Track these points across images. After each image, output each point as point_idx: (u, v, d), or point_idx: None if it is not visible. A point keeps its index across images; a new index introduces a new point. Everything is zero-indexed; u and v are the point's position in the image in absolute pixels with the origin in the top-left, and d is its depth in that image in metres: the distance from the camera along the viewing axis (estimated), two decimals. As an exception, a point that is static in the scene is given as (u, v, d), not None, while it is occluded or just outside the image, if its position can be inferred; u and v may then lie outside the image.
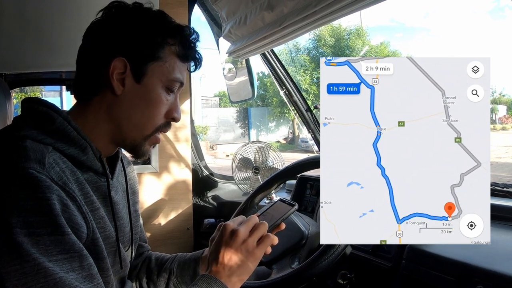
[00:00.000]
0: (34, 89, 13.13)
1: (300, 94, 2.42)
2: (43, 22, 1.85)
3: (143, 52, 0.84)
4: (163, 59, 0.86)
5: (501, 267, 0.94)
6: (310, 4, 1.51)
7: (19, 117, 0.82)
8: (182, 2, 2.35)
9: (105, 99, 0.85)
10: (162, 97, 0.87)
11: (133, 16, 0.85)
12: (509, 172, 12.58)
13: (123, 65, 0.83)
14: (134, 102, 0.85)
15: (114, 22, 0.85)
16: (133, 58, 0.84)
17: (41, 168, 0.69)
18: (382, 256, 1.24)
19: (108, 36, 0.84)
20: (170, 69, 0.87)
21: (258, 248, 0.87)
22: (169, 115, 0.90)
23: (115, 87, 0.83)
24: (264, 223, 0.89)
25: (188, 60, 0.91)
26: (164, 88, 0.87)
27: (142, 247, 1.16)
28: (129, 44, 0.84)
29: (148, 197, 2.45)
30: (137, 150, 0.90)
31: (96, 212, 0.80)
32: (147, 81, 0.85)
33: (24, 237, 0.64)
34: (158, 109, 0.87)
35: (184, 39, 0.89)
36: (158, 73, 0.86)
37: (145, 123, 0.87)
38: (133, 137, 0.88)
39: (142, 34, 0.84)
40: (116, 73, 0.83)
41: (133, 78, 0.84)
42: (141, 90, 0.85)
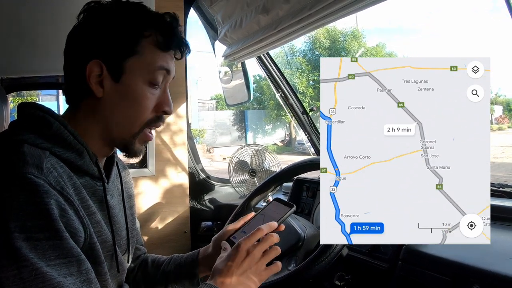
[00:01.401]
0: (30, 93, 13.08)
1: (296, 97, 2.42)
2: (39, 26, 1.85)
3: (117, 50, 0.82)
4: (140, 53, 0.83)
5: (497, 267, 0.94)
6: (305, 7, 1.52)
7: (15, 122, 0.81)
8: (178, 5, 2.35)
9: (90, 103, 0.84)
10: (145, 92, 0.85)
11: (105, 15, 0.84)
12: (506, 172, 12.61)
13: (99, 67, 0.82)
14: (117, 102, 0.84)
15: (87, 25, 0.84)
16: (108, 58, 0.82)
17: (39, 173, 0.69)
18: (379, 257, 1.24)
19: (81, 40, 0.84)
20: (150, 61, 0.84)
21: (266, 271, 0.88)
22: (159, 109, 0.88)
23: (94, 91, 0.82)
24: (277, 248, 0.91)
25: (171, 47, 0.87)
26: (146, 82, 0.85)
27: (139, 250, 1.16)
28: (102, 44, 0.82)
29: (145, 200, 2.44)
30: (129, 149, 0.88)
31: (92, 216, 0.80)
32: (126, 78, 0.83)
33: (23, 242, 0.64)
34: (142, 105, 0.85)
35: (163, 27, 0.85)
36: (137, 69, 0.83)
37: (131, 122, 0.86)
38: (121, 136, 0.87)
39: (114, 32, 0.82)
40: (93, 76, 0.82)
41: (112, 78, 0.83)
42: (122, 89, 0.83)
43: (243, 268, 0.85)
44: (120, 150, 0.91)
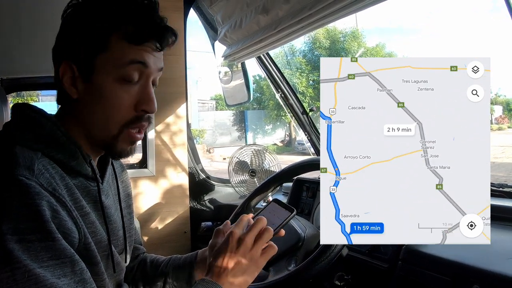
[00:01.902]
0: (30, 93, 13.09)
1: (296, 97, 2.42)
2: (38, 27, 1.85)
3: (85, 48, 0.78)
4: (108, 48, 0.78)
5: (497, 267, 0.94)
6: (305, 7, 1.52)
7: (8, 123, 0.81)
8: (177, 6, 2.35)
9: (71, 104, 0.83)
10: (117, 90, 0.79)
11: (76, 14, 0.81)
12: (505, 172, 12.62)
13: (70, 68, 0.79)
14: (90, 103, 0.80)
15: (62, 25, 0.82)
16: (77, 58, 0.79)
17: (30, 174, 0.69)
18: (379, 257, 1.24)
19: (56, 42, 0.82)
20: (119, 56, 0.78)
21: (262, 258, 0.86)
22: (138, 108, 0.82)
23: (69, 93, 0.80)
24: (270, 229, 0.87)
25: (145, 40, 0.79)
26: (118, 80, 0.79)
27: (138, 250, 1.15)
28: (71, 45, 0.79)
29: (145, 201, 2.44)
30: (112, 150, 0.85)
31: (86, 217, 0.79)
32: (97, 77, 0.79)
33: (15, 244, 0.63)
34: (115, 105, 0.80)
35: (133, 17, 0.79)
36: (107, 66, 0.78)
37: (107, 122, 0.81)
38: (102, 138, 0.83)
39: (81, 30, 0.78)
40: (66, 77, 0.80)
41: (82, 78, 0.80)
42: (93, 89, 0.79)
43: (238, 257, 0.83)
44: (105, 152, 0.88)
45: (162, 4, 0.84)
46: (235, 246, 0.85)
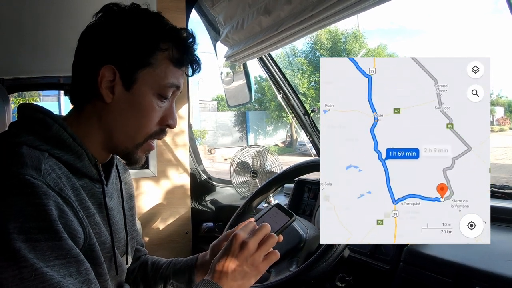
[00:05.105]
0: (32, 93, 13.10)
1: (297, 98, 2.42)
2: (40, 27, 1.85)
3: (133, 59, 0.82)
4: (154, 65, 0.83)
5: (498, 268, 0.94)
6: (306, 9, 1.52)
7: (15, 123, 0.81)
8: (179, 7, 2.35)
9: (96, 107, 0.84)
10: (153, 104, 0.85)
11: (124, 21, 0.83)
12: (507, 174, 12.59)
13: (112, 73, 0.81)
14: (124, 110, 0.84)
15: (104, 28, 0.83)
16: (123, 66, 0.82)
17: (37, 174, 0.69)
18: (380, 258, 1.24)
19: (97, 43, 0.83)
20: (162, 75, 0.84)
21: (263, 263, 0.87)
22: (163, 122, 0.88)
23: (104, 96, 0.82)
24: (274, 236, 0.88)
25: (184, 64, 0.87)
26: (155, 95, 0.85)
27: (139, 251, 1.16)
28: (118, 51, 0.81)
29: (147, 201, 2.44)
30: (130, 158, 0.88)
31: (91, 218, 0.80)
32: (137, 88, 0.83)
33: (22, 243, 0.64)
34: (149, 117, 0.85)
35: (179, 43, 0.85)
36: (149, 80, 0.83)
37: (136, 131, 0.85)
38: (124, 145, 0.86)
39: (132, 40, 0.82)
40: (105, 81, 0.81)
41: (123, 86, 0.82)
42: (131, 98, 0.83)
43: (239, 260, 0.84)
44: (121, 158, 0.91)
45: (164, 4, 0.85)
46: (237, 249, 0.85)
